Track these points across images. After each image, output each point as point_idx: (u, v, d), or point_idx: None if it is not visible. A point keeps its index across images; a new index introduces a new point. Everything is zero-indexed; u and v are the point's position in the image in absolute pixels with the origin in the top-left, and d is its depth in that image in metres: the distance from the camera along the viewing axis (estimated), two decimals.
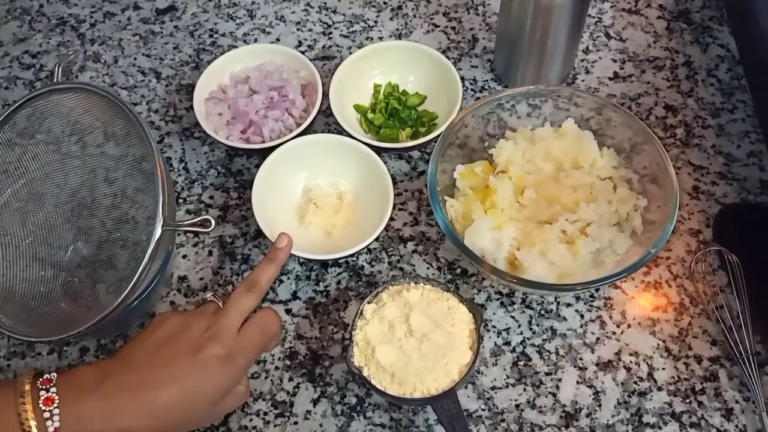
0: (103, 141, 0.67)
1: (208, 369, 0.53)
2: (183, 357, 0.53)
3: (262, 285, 0.59)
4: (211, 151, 0.76)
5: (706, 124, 0.75)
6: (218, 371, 0.54)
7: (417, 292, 0.61)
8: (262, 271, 0.59)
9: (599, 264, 0.61)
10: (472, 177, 0.66)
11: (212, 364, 0.53)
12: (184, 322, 0.55)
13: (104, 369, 0.53)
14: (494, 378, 0.62)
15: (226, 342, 0.54)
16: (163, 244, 0.60)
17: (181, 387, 0.52)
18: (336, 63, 0.81)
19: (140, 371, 0.53)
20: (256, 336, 0.57)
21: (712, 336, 0.63)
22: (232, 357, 0.54)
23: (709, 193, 0.71)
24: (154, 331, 0.55)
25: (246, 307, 0.57)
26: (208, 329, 0.55)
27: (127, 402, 0.51)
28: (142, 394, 0.51)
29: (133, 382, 0.52)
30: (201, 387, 0.53)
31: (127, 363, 0.53)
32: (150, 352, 0.54)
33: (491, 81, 0.79)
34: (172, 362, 0.53)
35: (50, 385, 0.51)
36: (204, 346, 0.54)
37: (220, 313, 0.56)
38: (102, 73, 0.82)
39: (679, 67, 0.79)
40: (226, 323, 0.56)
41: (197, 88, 0.74)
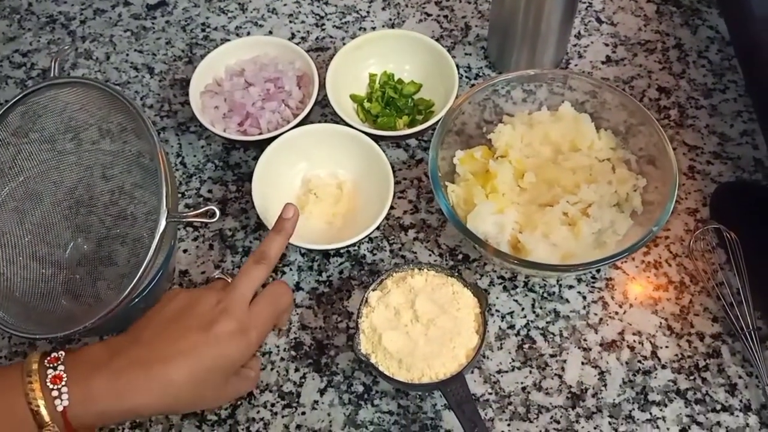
0: (99, 137, 0.67)
1: (219, 344, 0.52)
2: (194, 332, 0.52)
3: (271, 256, 0.57)
4: (207, 144, 0.75)
5: (699, 105, 0.76)
6: (230, 345, 0.52)
7: (421, 278, 0.61)
8: (270, 242, 0.58)
9: (601, 245, 0.62)
10: (471, 162, 0.66)
11: (224, 339, 0.52)
12: (193, 298, 0.54)
13: (113, 346, 0.52)
14: (500, 362, 0.63)
15: (238, 315, 0.53)
16: (166, 238, 0.60)
17: (193, 362, 0.51)
18: (330, 54, 0.81)
19: (150, 347, 0.51)
20: (268, 309, 0.56)
21: (713, 313, 0.64)
22: (243, 331, 0.53)
23: (704, 172, 0.72)
24: (163, 307, 0.54)
25: (256, 279, 0.56)
26: (218, 303, 0.53)
27: (137, 379, 0.50)
28: (152, 370, 0.50)
29: (143, 359, 0.51)
30: (213, 362, 0.52)
31: (136, 339, 0.52)
32: (160, 328, 0.53)
33: (485, 68, 0.80)
34: (182, 337, 0.52)
35: (58, 363, 0.50)
36: (215, 320, 0.52)
37: (230, 287, 0.55)
38: (94, 69, 0.81)
39: (670, 49, 0.80)
40: (237, 297, 0.54)
41: (193, 81, 0.73)
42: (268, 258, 0.57)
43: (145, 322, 0.54)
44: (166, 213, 0.56)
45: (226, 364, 0.53)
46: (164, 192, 0.56)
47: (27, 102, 0.62)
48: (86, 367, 0.50)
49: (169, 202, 0.56)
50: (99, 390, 0.49)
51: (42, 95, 0.62)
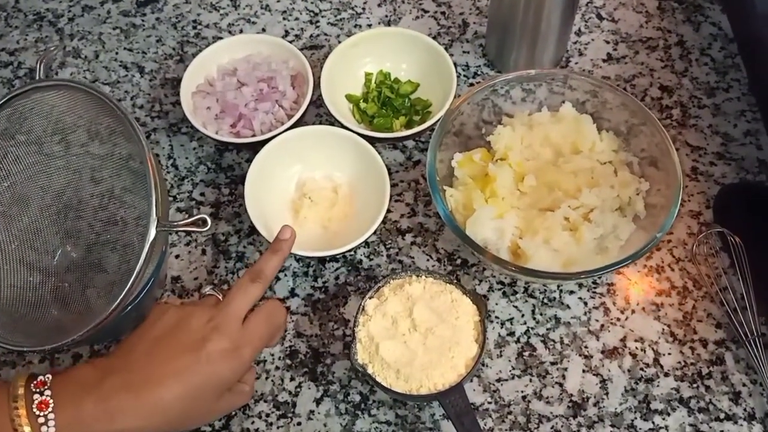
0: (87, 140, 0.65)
1: (211, 363, 0.51)
2: (185, 351, 0.51)
3: (266, 275, 0.56)
4: (200, 146, 0.74)
5: (702, 104, 0.74)
6: (222, 365, 0.51)
7: (419, 285, 0.59)
8: (266, 261, 0.57)
9: (603, 250, 0.60)
10: (470, 165, 0.64)
11: (216, 358, 0.51)
12: (184, 315, 0.53)
13: (102, 367, 0.51)
14: (499, 370, 0.61)
15: (230, 334, 0.52)
16: (157, 245, 0.58)
17: (185, 383, 0.50)
18: (325, 52, 0.79)
19: (141, 368, 0.50)
20: (262, 327, 0.55)
21: (716, 319, 0.63)
22: (236, 350, 0.52)
23: (707, 174, 0.70)
24: (153, 324, 0.53)
25: (251, 296, 0.55)
26: (209, 321, 0.52)
27: (127, 402, 0.48)
28: (143, 392, 0.49)
29: (133, 381, 0.49)
30: (205, 382, 0.51)
31: (126, 360, 0.51)
32: (150, 347, 0.51)
33: (484, 66, 0.78)
34: (173, 357, 0.51)
35: (44, 388, 0.48)
36: (207, 338, 0.51)
37: (223, 303, 0.54)
38: (83, 69, 0.79)
39: (672, 47, 0.78)
40: (230, 314, 0.53)
41: (184, 81, 0.72)
42: (264, 276, 0.56)
43: (135, 340, 0.53)
44: (156, 221, 0.54)
45: (219, 383, 0.52)
46: (154, 199, 0.54)
47: (12, 105, 0.60)
48: (74, 390, 0.49)
49: (159, 210, 0.55)
50: (88, 415, 0.48)
51: (28, 98, 0.60)
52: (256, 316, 0.55)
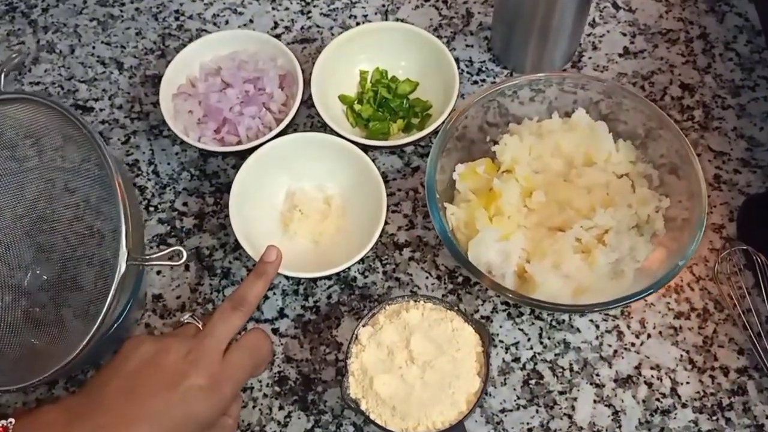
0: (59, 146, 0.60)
1: (189, 402, 0.47)
2: (160, 390, 0.47)
3: (249, 302, 0.52)
4: (182, 151, 0.68)
5: (726, 105, 0.69)
6: (201, 403, 0.48)
7: (417, 312, 0.55)
8: (249, 287, 0.53)
9: (618, 274, 0.55)
10: (473, 178, 0.59)
11: (194, 396, 0.47)
12: (160, 348, 0.49)
13: (71, 409, 0.47)
14: (503, 399, 0.57)
15: (209, 368, 0.48)
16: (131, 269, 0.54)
17: (160, 426, 0.46)
18: (317, 46, 0.73)
19: (112, 410, 0.46)
20: (244, 360, 0.51)
21: (739, 344, 0.58)
22: (216, 385, 0.48)
23: (731, 182, 0.65)
24: (126, 358, 0.49)
25: (232, 326, 0.51)
26: (187, 354, 0.49)
27: None
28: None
29: (105, 424, 0.45)
30: (182, 423, 0.47)
31: (97, 400, 0.47)
32: (122, 385, 0.47)
33: (489, 62, 0.72)
34: (148, 397, 0.47)
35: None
36: (184, 374, 0.48)
37: (202, 334, 0.50)
38: (57, 65, 0.74)
39: (694, 40, 0.72)
40: (209, 346, 0.49)
41: (164, 82, 0.66)
42: (247, 303, 0.52)
43: (106, 376, 0.48)
44: (127, 255, 0.49)
45: (197, 423, 0.48)
46: (123, 230, 0.49)
47: None
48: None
49: (130, 242, 0.50)
50: None
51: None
52: (238, 349, 0.51)
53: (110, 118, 0.70)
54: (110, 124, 0.70)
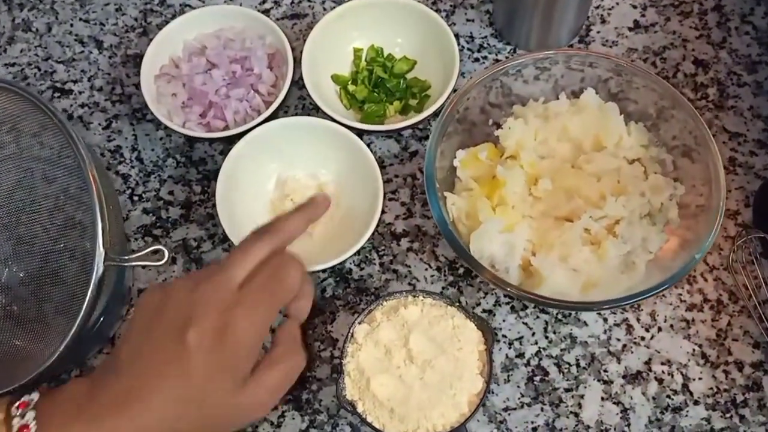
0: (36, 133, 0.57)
1: (201, 348, 0.40)
2: (167, 345, 0.40)
3: (280, 230, 0.44)
4: (167, 136, 0.65)
5: (742, 82, 0.65)
6: (216, 347, 0.40)
7: (416, 308, 0.52)
8: (284, 217, 0.45)
9: (629, 267, 0.52)
10: (475, 165, 0.56)
11: (206, 340, 0.40)
12: (165, 293, 0.42)
13: (95, 379, 0.42)
14: (507, 397, 0.54)
15: (221, 304, 0.41)
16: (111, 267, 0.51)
17: (175, 388, 0.40)
18: (308, 22, 0.69)
19: (127, 375, 0.41)
20: (266, 286, 0.42)
21: (754, 338, 0.55)
22: (230, 324, 0.40)
23: (747, 165, 0.61)
24: (134, 317, 0.43)
25: (250, 256, 0.42)
26: (192, 292, 0.41)
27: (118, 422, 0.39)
28: (131, 408, 0.40)
29: (122, 393, 0.40)
30: (202, 376, 0.40)
31: (113, 366, 0.42)
32: (134, 346, 0.42)
33: (491, 37, 0.68)
34: (157, 355, 0.40)
35: (27, 410, 0.40)
36: (190, 318, 0.40)
37: (213, 268, 0.42)
38: (34, 44, 0.70)
39: (708, 12, 0.68)
40: (218, 281, 0.41)
41: (145, 62, 0.62)
42: (276, 231, 0.44)
43: (123, 339, 0.43)
44: (104, 255, 0.46)
45: (221, 372, 0.40)
46: (99, 229, 0.46)
47: None
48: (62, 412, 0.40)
49: (107, 241, 0.46)
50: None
51: None
52: (259, 275, 0.42)
53: (90, 101, 0.67)
54: (90, 107, 0.66)
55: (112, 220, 0.48)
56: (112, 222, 0.48)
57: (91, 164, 0.48)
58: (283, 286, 0.42)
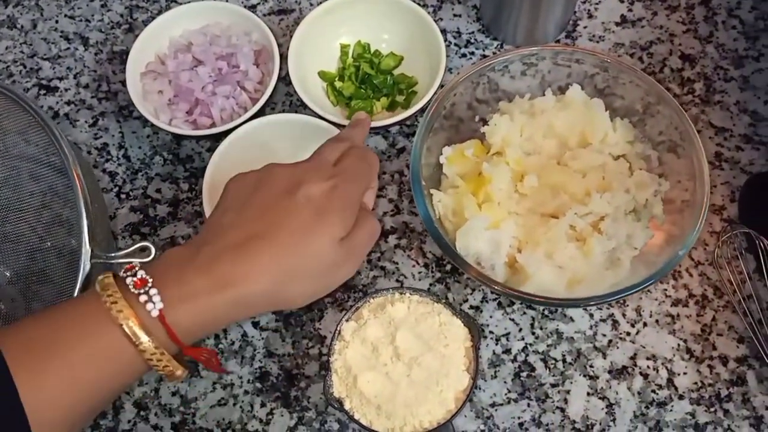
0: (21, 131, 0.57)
1: (311, 203, 0.45)
2: (278, 202, 0.45)
3: (351, 136, 0.52)
4: (154, 134, 0.65)
5: (729, 77, 0.65)
6: (324, 203, 0.45)
7: (403, 305, 0.52)
8: (348, 130, 0.54)
9: (614, 263, 0.52)
10: (461, 162, 0.56)
11: (315, 197, 0.45)
12: (263, 173, 0.47)
13: (194, 242, 0.44)
14: (494, 393, 0.55)
15: (323, 173, 0.46)
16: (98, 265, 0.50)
17: (289, 230, 0.44)
18: (295, 17, 0.69)
19: (236, 230, 0.44)
20: (356, 163, 0.49)
21: (738, 332, 0.56)
22: (335, 186, 0.46)
23: (733, 160, 0.62)
24: (230, 194, 0.47)
25: (336, 147, 0.50)
26: (295, 168, 0.47)
27: (232, 267, 0.42)
28: (245, 252, 0.42)
29: (233, 243, 0.43)
30: (311, 224, 0.44)
31: (216, 231, 0.44)
32: (237, 211, 0.45)
33: (478, 32, 0.68)
34: (268, 208, 0.45)
35: (136, 270, 0.42)
36: (300, 182, 0.45)
37: (307, 158, 0.49)
38: (19, 41, 0.69)
39: (695, 6, 0.68)
40: (318, 159, 0.48)
41: (130, 59, 0.62)
42: (350, 136, 0.52)
43: (217, 211, 0.46)
44: (90, 253, 0.46)
45: (325, 222, 0.45)
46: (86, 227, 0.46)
47: None
48: (170, 266, 0.42)
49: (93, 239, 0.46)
50: (195, 282, 0.41)
51: None
52: (347, 157, 0.49)
53: (76, 99, 0.66)
54: (76, 105, 0.66)
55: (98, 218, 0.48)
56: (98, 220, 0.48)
57: (76, 163, 0.47)
58: (369, 164, 0.50)
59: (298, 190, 0.45)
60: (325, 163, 0.48)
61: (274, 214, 0.44)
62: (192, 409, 0.55)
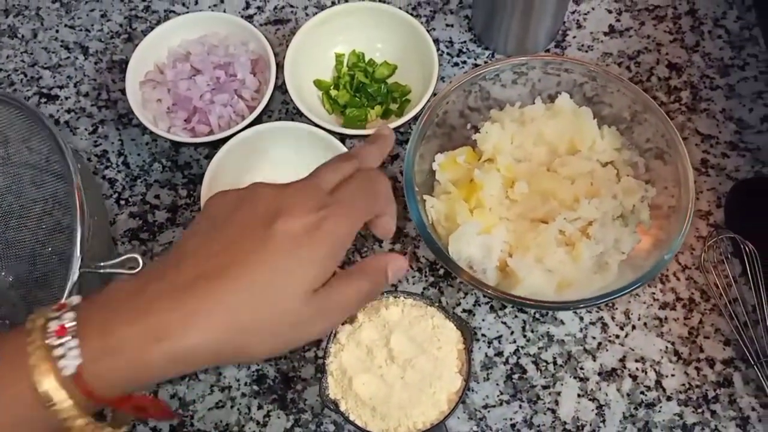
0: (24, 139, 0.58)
1: (287, 239, 0.37)
2: (251, 232, 0.37)
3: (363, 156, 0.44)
4: (153, 141, 0.66)
5: (714, 85, 0.67)
6: (304, 241, 0.37)
7: (397, 309, 0.53)
8: (364, 147, 0.46)
9: (602, 267, 0.54)
10: (453, 168, 0.57)
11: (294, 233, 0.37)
12: (247, 192, 0.40)
13: (147, 274, 0.37)
14: (486, 395, 0.56)
15: (312, 202, 0.38)
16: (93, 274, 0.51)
17: (253, 271, 0.36)
18: (291, 27, 0.70)
19: (192, 265, 0.36)
20: (356, 193, 0.41)
21: (725, 335, 0.57)
22: (324, 220, 0.38)
23: (719, 167, 0.63)
24: (207, 211, 0.40)
25: (339, 169, 0.42)
26: (281, 192, 0.39)
27: (175, 314, 0.35)
28: (195, 291, 0.35)
29: (183, 283, 0.36)
30: (281, 267, 0.36)
31: (177, 258, 0.37)
32: (205, 237, 0.38)
33: (470, 42, 0.69)
34: (233, 243, 0.37)
35: (65, 311, 0.35)
36: (278, 212, 0.37)
37: (303, 178, 0.42)
38: (20, 50, 0.70)
39: (682, 16, 0.70)
40: (311, 184, 0.40)
41: (130, 69, 0.63)
42: (361, 156, 0.44)
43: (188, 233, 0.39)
44: (81, 260, 0.47)
45: (303, 268, 0.37)
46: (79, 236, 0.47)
47: None
48: (106, 309, 0.36)
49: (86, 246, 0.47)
50: (123, 332, 0.34)
51: None
52: (350, 183, 0.41)
53: (76, 107, 0.68)
54: (77, 113, 0.67)
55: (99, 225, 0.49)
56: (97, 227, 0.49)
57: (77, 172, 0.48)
58: (373, 193, 0.42)
59: (276, 222, 0.37)
60: (317, 190, 0.40)
61: (241, 247, 0.37)
62: (190, 412, 0.56)
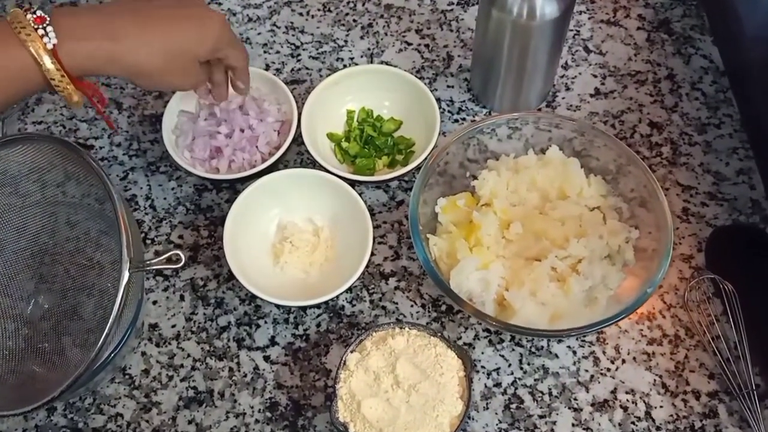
0: (61, 182, 0.64)
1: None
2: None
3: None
4: (178, 186, 0.72)
5: (693, 141, 0.73)
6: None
7: (402, 338, 0.57)
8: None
9: (592, 301, 0.58)
10: (454, 211, 0.62)
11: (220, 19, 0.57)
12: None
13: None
14: (486, 423, 0.59)
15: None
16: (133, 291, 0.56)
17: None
18: (306, 87, 0.77)
19: (159, 7, 0.55)
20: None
21: (709, 369, 0.61)
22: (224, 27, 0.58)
23: (699, 215, 0.69)
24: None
25: None
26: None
27: (130, 25, 0.52)
28: (159, 24, 0.54)
29: (140, 11, 0.54)
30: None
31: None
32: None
33: (468, 101, 0.76)
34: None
35: (36, 10, 0.50)
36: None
37: None
38: (59, 105, 0.77)
39: (661, 80, 0.77)
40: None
41: (166, 116, 0.69)
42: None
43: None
44: (129, 263, 0.52)
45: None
46: (124, 241, 0.52)
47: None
48: (75, 12, 0.52)
49: (131, 252, 0.52)
50: (88, 26, 0.51)
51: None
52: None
53: (109, 155, 0.74)
54: (109, 161, 0.73)
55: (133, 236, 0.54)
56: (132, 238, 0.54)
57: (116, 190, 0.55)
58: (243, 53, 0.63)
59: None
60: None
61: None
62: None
